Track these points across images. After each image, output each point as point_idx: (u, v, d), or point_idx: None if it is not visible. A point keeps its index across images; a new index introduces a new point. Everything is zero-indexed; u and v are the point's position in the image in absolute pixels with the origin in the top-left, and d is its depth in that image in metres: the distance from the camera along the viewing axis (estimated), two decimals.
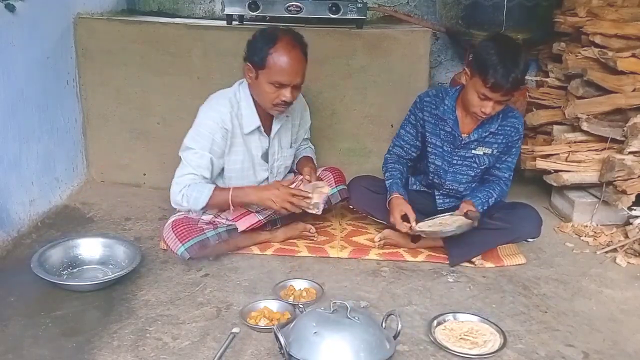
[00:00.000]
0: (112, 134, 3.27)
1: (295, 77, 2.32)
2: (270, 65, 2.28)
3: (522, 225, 2.52)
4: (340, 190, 2.67)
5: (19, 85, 2.63)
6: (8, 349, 1.88)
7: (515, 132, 2.51)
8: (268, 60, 2.28)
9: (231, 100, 2.44)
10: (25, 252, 2.45)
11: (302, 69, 2.34)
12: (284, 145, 2.63)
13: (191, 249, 2.36)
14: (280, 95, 2.32)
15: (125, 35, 3.14)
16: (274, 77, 2.29)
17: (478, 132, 2.50)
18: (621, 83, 2.84)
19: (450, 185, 2.61)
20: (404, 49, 3.13)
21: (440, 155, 2.58)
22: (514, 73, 2.24)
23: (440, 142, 2.57)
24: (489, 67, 2.25)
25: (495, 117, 2.47)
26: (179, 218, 2.45)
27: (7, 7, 2.50)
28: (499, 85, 2.25)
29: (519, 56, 2.29)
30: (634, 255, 2.64)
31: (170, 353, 1.89)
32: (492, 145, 2.52)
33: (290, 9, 3.08)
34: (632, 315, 2.22)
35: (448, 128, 2.52)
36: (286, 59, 2.27)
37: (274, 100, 2.34)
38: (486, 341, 1.98)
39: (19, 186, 2.65)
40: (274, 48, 2.28)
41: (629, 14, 2.97)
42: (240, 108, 2.44)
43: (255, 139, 2.51)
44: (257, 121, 2.46)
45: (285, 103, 2.35)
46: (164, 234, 2.46)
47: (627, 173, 2.76)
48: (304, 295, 2.22)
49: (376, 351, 1.72)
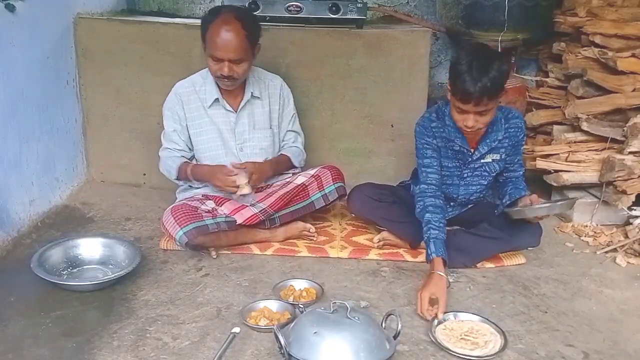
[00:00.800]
0: (112, 134, 3.27)
1: (228, 52, 2.38)
2: (207, 39, 2.42)
3: (522, 235, 2.50)
4: (338, 187, 2.68)
5: (19, 85, 2.63)
6: (8, 349, 1.88)
7: (520, 131, 2.45)
8: (207, 34, 2.41)
9: (195, 78, 2.63)
10: (25, 252, 2.45)
11: (237, 45, 2.39)
12: (258, 125, 2.67)
13: (189, 234, 2.36)
14: (219, 69, 2.42)
15: (125, 35, 3.14)
16: (210, 50, 2.42)
17: (487, 143, 2.43)
18: (621, 83, 2.84)
19: (463, 198, 2.59)
20: (404, 49, 3.12)
21: (450, 174, 2.52)
22: (481, 82, 2.11)
23: (450, 162, 2.50)
24: (456, 78, 2.17)
25: (499, 124, 2.40)
26: (179, 204, 2.49)
27: (7, 7, 2.50)
28: (467, 94, 2.15)
29: (489, 63, 2.15)
30: (634, 255, 2.63)
31: (170, 353, 1.89)
32: (499, 150, 2.46)
33: (290, 9, 3.08)
34: (632, 315, 2.22)
35: (457, 147, 2.45)
36: (219, 34, 2.37)
37: (215, 73, 2.46)
38: (487, 342, 1.98)
39: (19, 186, 2.65)
40: (213, 23, 2.39)
41: (629, 14, 2.97)
42: (205, 84, 2.60)
43: (220, 113, 2.61)
44: (215, 93, 2.58)
45: (224, 77, 2.44)
46: (163, 219, 2.47)
47: (627, 173, 2.76)
48: (304, 295, 2.22)
49: (376, 351, 1.72)
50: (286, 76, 3.02)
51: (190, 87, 2.61)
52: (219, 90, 2.59)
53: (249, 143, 2.66)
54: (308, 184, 2.66)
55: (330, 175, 2.69)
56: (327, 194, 2.66)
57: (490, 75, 2.13)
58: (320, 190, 2.67)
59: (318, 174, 2.68)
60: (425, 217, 2.36)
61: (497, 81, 2.15)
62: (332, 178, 2.68)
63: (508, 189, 2.52)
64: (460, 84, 2.16)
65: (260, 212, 2.55)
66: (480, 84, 2.12)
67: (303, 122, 2.95)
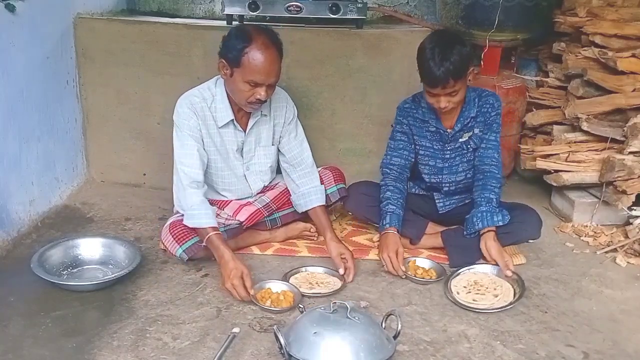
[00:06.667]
0: (112, 134, 3.27)
1: (270, 76, 2.32)
2: (245, 64, 2.28)
3: (522, 228, 2.53)
4: (340, 189, 2.68)
5: (19, 85, 2.63)
6: (8, 349, 1.89)
7: (491, 109, 2.54)
8: (243, 59, 2.27)
9: (204, 93, 2.46)
10: (25, 252, 2.45)
11: (276, 69, 2.34)
12: (263, 143, 2.61)
13: (189, 250, 2.35)
14: (255, 93, 2.32)
15: (125, 35, 3.13)
16: (248, 76, 2.29)
17: (460, 121, 2.54)
18: (621, 83, 2.84)
19: (448, 179, 2.63)
20: (404, 49, 3.12)
21: (432, 155, 2.62)
22: (444, 66, 2.26)
23: (429, 142, 2.61)
24: (422, 65, 2.35)
25: (472, 103, 2.53)
26: (177, 220, 2.43)
27: (7, 7, 2.50)
28: (433, 79, 2.31)
29: (450, 48, 2.29)
30: (634, 255, 2.63)
31: (170, 353, 1.89)
32: (473, 127, 2.57)
33: (290, 9, 3.08)
34: (632, 315, 2.22)
35: (432, 128, 2.58)
36: (261, 59, 2.27)
37: (248, 99, 2.34)
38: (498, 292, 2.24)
39: (19, 186, 2.65)
40: (249, 47, 2.27)
41: (629, 14, 2.97)
42: (215, 102, 2.46)
43: (230, 132, 2.53)
44: (230, 115, 2.47)
45: (259, 101, 2.37)
46: (162, 236, 2.45)
47: (627, 173, 2.76)
48: (281, 299, 2.18)
49: (376, 351, 1.72)
50: (286, 76, 3.02)
51: (202, 103, 2.45)
52: (232, 110, 2.48)
53: (255, 161, 2.62)
54: None
55: (332, 176, 2.69)
56: (329, 195, 2.65)
57: (452, 60, 2.27)
58: None
59: (320, 175, 2.68)
60: (385, 194, 2.55)
61: (458, 64, 2.29)
62: (334, 179, 2.68)
63: (476, 193, 2.51)
64: (426, 70, 2.33)
65: (263, 207, 2.56)
66: (443, 68, 2.27)
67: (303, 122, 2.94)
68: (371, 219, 2.69)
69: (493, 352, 1.96)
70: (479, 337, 2.04)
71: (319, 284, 2.32)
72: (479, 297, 2.24)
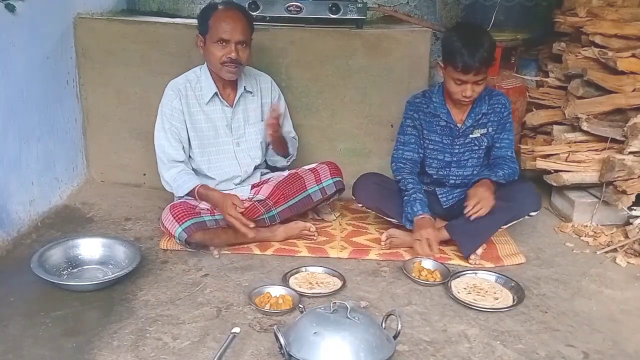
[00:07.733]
0: (112, 134, 3.27)
1: (235, 32, 2.48)
2: (211, 25, 2.50)
3: (523, 199, 2.58)
4: (336, 181, 2.71)
5: (19, 85, 2.63)
6: (8, 349, 1.88)
7: (503, 108, 2.65)
8: (210, 23, 2.50)
9: (189, 76, 2.66)
10: (25, 252, 2.45)
11: (241, 26, 2.51)
12: (252, 120, 2.73)
13: (188, 229, 2.39)
14: (226, 53, 2.49)
15: (125, 35, 3.14)
16: (215, 35, 2.48)
17: (471, 117, 2.63)
18: (621, 83, 2.84)
19: (456, 173, 2.69)
20: (404, 49, 3.13)
21: (441, 149, 2.68)
22: (479, 52, 2.41)
23: (438, 137, 2.67)
24: (455, 53, 2.44)
25: (483, 100, 2.62)
26: (177, 202, 2.52)
27: (7, 7, 2.50)
28: (468, 65, 2.42)
29: (481, 37, 2.47)
30: (634, 255, 2.63)
31: (170, 353, 1.89)
32: (486, 125, 2.65)
33: (290, 9, 3.08)
34: (632, 315, 2.22)
35: (442, 122, 2.65)
36: (225, 16, 2.49)
37: (221, 59, 2.50)
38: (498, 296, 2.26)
39: (19, 186, 2.65)
40: (217, 10, 2.52)
41: (629, 14, 2.97)
42: (199, 82, 2.64)
43: (217, 109, 2.66)
44: (214, 88, 2.62)
45: (232, 61, 2.50)
46: (162, 217, 2.50)
47: (627, 173, 2.76)
48: (280, 302, 2.16)
49: (376, 351, 1.72)
50: (286, 76, 3.03)
51: (185, 83, 2.63)
52: (215, 84, 2.63)
53: (245, 138, 2.72)
54: (304, 174, 2.70)
55: (328, 169, 2.73)
56: (324, 187, 2.70)
57: (485, 46, 2.44)
58: (317, 184, 2.70)
59: (315, 168, 2.73)
60: (407, 186, 2.62)
61: (490, 51, 2.48)
62: (330, 172, 2.72)
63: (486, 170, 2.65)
64: (460, 58, 2.42)
65: (259, 203, 2.59)
66: (478, 54, 2.42)
67: (303, 122, 2.95)
68: (382, 210, 2.71)
69: (493, 352, 1.96)
70: (479, 337, 2.04)
71: (319, 284, 2.32)
72: (480, 298, 2.24)
